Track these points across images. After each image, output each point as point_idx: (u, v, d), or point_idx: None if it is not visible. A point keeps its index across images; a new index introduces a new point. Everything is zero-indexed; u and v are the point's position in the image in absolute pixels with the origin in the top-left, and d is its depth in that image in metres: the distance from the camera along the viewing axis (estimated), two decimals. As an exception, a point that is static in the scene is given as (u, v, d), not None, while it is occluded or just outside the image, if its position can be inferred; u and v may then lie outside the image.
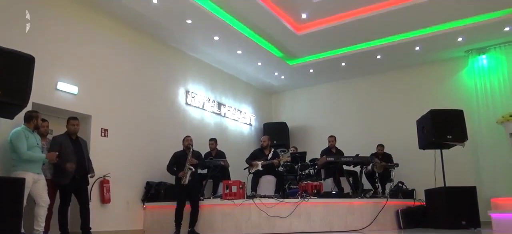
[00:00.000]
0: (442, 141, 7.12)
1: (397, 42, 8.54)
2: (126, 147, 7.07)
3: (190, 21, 7.32)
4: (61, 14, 6.26)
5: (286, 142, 10.46)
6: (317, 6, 7.47)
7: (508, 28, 7.87)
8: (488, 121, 8.30)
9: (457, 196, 6.85)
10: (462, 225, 6.64)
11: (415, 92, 9.66)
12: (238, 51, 8.74)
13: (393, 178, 8.48)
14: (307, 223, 6.40)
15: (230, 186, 6.73)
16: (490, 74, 8.72)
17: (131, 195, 7.07)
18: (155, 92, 7.91)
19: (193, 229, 6.42)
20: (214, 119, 9.44)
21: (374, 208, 6.86)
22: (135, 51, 7.58)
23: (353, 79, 10.57)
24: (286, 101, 11.81)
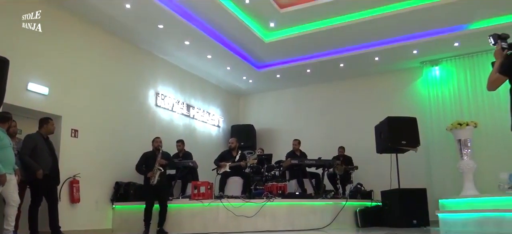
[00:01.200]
0: (397, 146, 7.68)
1: (358, 53, 9.04)
2: (96, 147, 7.16)
3: (162, 26, 7.50)
4: (33, 16, 6.27)
5: (253, 143, 10.74)
6: (284, 16, 7.84)
7: (457, 43, 8.56)
8: (439, 127, 8.92)
9: (410, 197, 7.42)
10: (414, 224, 7.20)
11: (374, 100, 10.21)
12: (208, 55, 8.98)
13: (353, 179, 9.00)
14: (272, 222, 6.72)
15: (199, 187, 6.94)
16: (442, 84, 9.39)
17: (101, 195, 7.16)
18: (125, 94, 8.02)
19: (162, 228, 6.60)
20: (183, 121, 9.63)
21: (335, 208, 7.27)
22: (106, 53, 7.67)
23: (318, 85, 11.00)
24: (254, 104, 12.11)
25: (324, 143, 9.93)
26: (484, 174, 8.16)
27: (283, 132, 11.11)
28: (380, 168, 8.34)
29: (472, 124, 7.83)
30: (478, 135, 8.15)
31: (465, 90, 9.09)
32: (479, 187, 7.71)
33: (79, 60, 7.05)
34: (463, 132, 7.75)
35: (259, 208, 6.63)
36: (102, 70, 7.54)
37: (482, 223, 6.28)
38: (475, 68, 9.00)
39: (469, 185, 7.57)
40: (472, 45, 8.57)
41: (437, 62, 9.45)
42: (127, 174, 7.55)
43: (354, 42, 8.78)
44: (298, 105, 11.38)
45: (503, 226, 6.02)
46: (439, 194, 8.03)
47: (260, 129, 11.45)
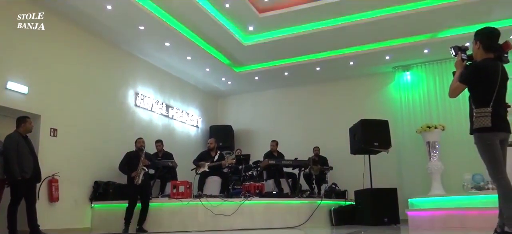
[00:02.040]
0: (370, 147, 8.00)
1: (334, 57, 9.35)
2: (75, 146, 7.18)
3: (142, 27, 7.58)
4: (13, 14, 6.24)
5: (231, 144, 10.89)
6: (263, 20, 8.05)
7: (427, 50, 9.00)
8: (410, 130, 9.31)
9: (381, 196, 7.75)
10: (385, 222, 7.53)
11: (349, 102, 10.53)
12: (188, 57, 9.10)
13: (328, 179, 9.27)
14: (250, 221, 6.89)
15: (178, 186, 7.06)
16: (413, 89, 9.81)
17: (79, 194, 7.18)
18: (105, 94, 8.05)
19: (142, 227, 6.69)
20: (162, 121, 9.71)
21: (310, 207, 7.50)
22: (87, 53, 7.68)
23: (295, 88, 11.25)
24: (232, 105, 12.25)
25: (301, 144, 10.16)
26: (450, 175, 8.58)
27: (261, 133, 11.30)
28: (354, 168, 8.63)
29: (440, 127, 8.24)
30: (445, 137, 8.57)
31: (434, 95, 9.54)
32: (445, 187, 8.12)
33: (59, 60, 7.06)
34: (431, 134, 8.15)
35: (237, 207, 6.78)
36: (82, 69, 7.55)
37: (447, 221, 6.63)
38: (444, 74, 9.44)
39: (436, 185, 7.96)
40: (441, 52, 8.98)
41: (409, 67, 9.87)
42: (106, 173, 7.60)
43: (330, 47, 9.07)
44: (276, 107, 11.59)
45: (466, 223, 6.40)
46: (409, 194, 8.35)
47: (238, 130, 11.62)
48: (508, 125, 3.32)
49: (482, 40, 3.35)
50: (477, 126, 3.26)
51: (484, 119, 3.20)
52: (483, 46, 3.34)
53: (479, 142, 3.28)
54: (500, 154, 3.23)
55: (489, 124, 3.18)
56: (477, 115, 3.26)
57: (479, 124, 3.23)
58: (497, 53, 3.30)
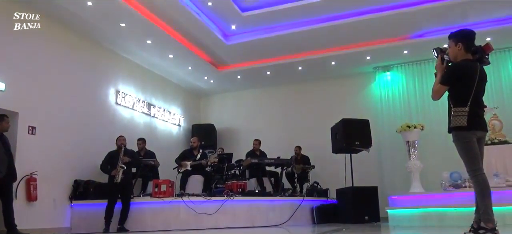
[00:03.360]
0: (351, 146, 8.11)
1: (315, 57, 9.43)
2: (54, 145, 7.04)
3: (124, 24, 7.49)
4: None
5: (213, 143, 10.84)
6: (246, 20, 8.06)
7: (406, 51, 9.18)
8: (390, 129, 9.43)
9: (362, 194, 7.87)
10: (365, 220, 7.65)
11: (330, 102, 10.64)
12: (169, 55, 9.04)
13: (310, 178, 9.34)
14: (232, 219, 6.89)
15: (160, 185, 7.02)
16: (393, 89, 10.00)
17: (59, 193, 7.04)
18: (85, 91, 7.92)
19: (123, 226, 6.61)
20: (143, 119, 9.61)
21: (292, 205, 7.55)
22: (66, 49, 7.54)
23: (277, 87, 11.31)
24: (215, 104, 12.23)
25: (283, 142, 10.22)
26: (429, 173, 8.73)
27: (243, 131, 11.32)
28: (335, 167, 8.74)
29: (419, 126, 8.39)
30: (424, 136, 8.73)
31: (414, 95, 9.74)
32: (424, 185, 8.26)
33: (37, 56, 6.91)
34: (411, 134, 8.28)
35: (219, 206, 6.77)
36: (62, 66, 7.41)
37: (426, 218, 6.78)
38: (423, 75, 9.66)
39: (416, 183, 8.09)
40: (420, 53, 9.20)
41: (389, 68, 10.05)
42: (87, 172, 7.48)
43: (312, 47, 9.14)
44: (258, 106, 11.62)
45: (445, 220, 6.56)
46: (389, 192, 8.47)
47: (221, 129, 11.60)
48: (485, 123, 3.43)
49: (463, 41, 3.44)
50: (454, 125, 3.36)
51: (461, 118, 3.30)
52: (464, 47, 3.44)
53: (457, 140, 3.38)
54: (477, 151, 3.33)
55: (465, 123, 3.28)
56: (455, 114, 3.36)
57: (456, 123, 3.33)
58: (479, 55, 3.40)
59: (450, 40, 3.52)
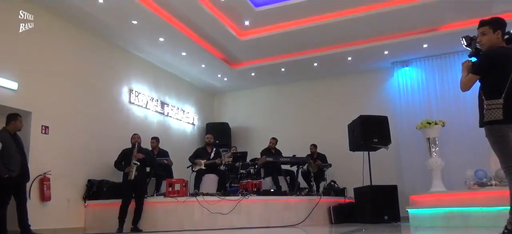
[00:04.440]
0: (369, 143, 7.86)
1: (332, 52, 9.20)
2: (68, 144, 6.99)
3: (135, 22, 7.39)
4: (1, 11, 6.06)
5: (228, 142, 10.75)
6: (259, 15, 7.88)
7: (427, 45, 8.85)
8: (409, 126, 9.13)
9: (381, 193, 7.60)
10: (385, 220, 7.39)
11: (347, 99, 10.40)
12: (182, 53, 8.92)
13: (327, 177, 9.15)
14: (247, 219, 6.74)
15: (173, 184, 6.90)
16: (412, 84, 9.69)
17: (72, 193, 7.00)
18: (98, 90, 7.87)
19: (136, 226, 6.51)
20: (157, 118, 9.53)
21: (309, 205, 7.36)
22: (79, 48, 7.49)
23: (292, 84, 11.11)
24: (228, 102, 12.11)
25: (298, 140, 10.02)
26: (451, 171, 8.48)
27: (258, 130, 11.18)
28: (353, 165, 8.49)
29: (440, 123, 8.08)
30: (445, 133, 8.44)
31: (434, 90, 9.42)
32: (446, 183, 7.98)
33: (50, 55, 6.87)
34: (432, 130, 7.99)
35: (234, 205, 6.64)
36: (74, 65, 7.36)
37: (449, 218, 6.51)
38: (443, 69, 9.35)
39: (437, 182, 7.80)
40: (440, 47, 8.89)
41: (408, 63, 9.75)
42: (101, 171, 7.43)
43: (327, 42, 8.92)
44: (273, 104, 11.45)
45: (469, 220, 6.28)
46: (409, 191, 8.25)
47: (235, 127, 11.47)
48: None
49: (502, 29, 3.23)
50: (488, 119, 3.12)
51: (495, 111, 3.06)
52: (502, 34, 3.21)
53: (491, 135, 3.14)
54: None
55: (501, 117, 3.04)
56: (488, 107, 3.12)
57: (491, 116, 3.09)
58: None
59: (486, 27, 3.26)
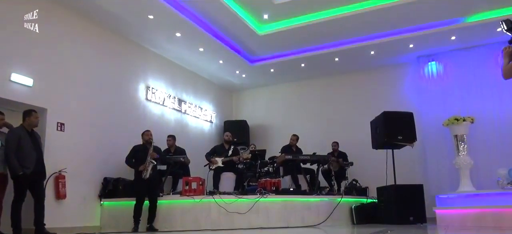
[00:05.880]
0: (393, 141, 7.53)
1: (353, 46, 8.86)
2: (84, 141, 6.91)
3: (152, 16, 7.26)
4: (16, 5, 6.01)
5: (246, 139, 10.54)
6: (278, 8, 7.63)
7: (455, 37, 8.41)
8: (436, 123, 8.73)
9: (406, 193, 7.28)
10: (410, 221, 7.06)
11: (370, 94, 10.06)
12: (200, 48, 8.76)
13: (348, 176, 8.85)
14: (266, 219, 6.53)
15: (190, 183, 6.74)
16: (439, 79, 9.25)
17: (88, 191, 6.91)
18: (114, 87, 7.77)
19: (152, 225, 6.38)
20: (174, 115, 9.40)
21: (330, 204, 7.12)
22: (94, 44, 7.40)
23: (312, 80, 10.83)
24: (247, 100, 11.92)
25: (319, 138, 9.81)
26: (481, 170, 8.10)
27: (277, 128, 10.96)
28: (375, 164, 8.20)
29: (469, 119, 7.67)
30: (474, 130, 8.01)
31: (462, 85, 8.98)
32: (475, 182, 7.58)
33: (65, 51, 6.79)
34: (460, 127, 7.59)
35: (252, 205, 6.44)
36: (90, 62, 7.27)
37: (480, 219, 6.16)
38: (472, 63, 8.89)
39: (465, 181, 7.41)
40: (469, 38, 8.47)
41: (434, 56, 9.32)
42: (116, 169, 7.32)
43: (349, 36, 8.60)
44: (292, 101, 11.20)
45: (502, 221, 5.90)
46: (436, 190, 7.93)
47: (254, 125, 11.27)
48: None
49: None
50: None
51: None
52: None
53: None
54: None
55: None
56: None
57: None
58: None
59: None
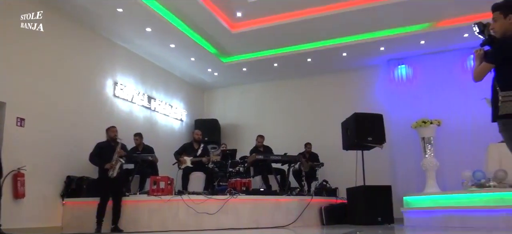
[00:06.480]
0: (363, 142, 7.57)
1: (326, 47, 8.89)
2: (45, 138, 6.58)
3: (121, 10, 7.01)
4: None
5: (217, 139, 10.43)
6: (252, 6, 7.54)
7: (424, 41, 8.58)
8: (404, 125, 8.86)
9: (375, 194, 7.33)
10: (378, 221, 7.12)
11: (341, 96, 10.12)
12: (171, 44, 8.55)
13: (318, 176, 8.86)
14: (235, 219, 6.43)
15: (158, 182, 6.55)
16: (408, 82, 9.43)
17: (49, 190, 6.59)
18: (80, 82, 7.46)
19: (117, 226, 6.15)
20: (143, 113, 9.14)
21: (300, 205, 7.08)
22: (59, 36, 7.06)
23: (285, 80, 10.80)
24: (219, 99, 11.77)
25: (290, 139, 9.79)
26: (446, 172, 8.29)
27: (249, 127, 10.85)
28: (345, 165, 8.23)
29: (436, 122, 7.86)
30: (441, 133, 8.20)
31: (430, 89, 9.18)
32: (441, 184, 7.78)
33: (27, 43, 6.42)
34: (427, 130, 7.77)
35: (221, 205, 6.31)
36: (54, 54, 6.94)
37: (446, 220, 6.29)
38: (439, 67, 9.10)
39: (431, 182, 7.59)
40: (437, 43, 8.65)
41: (404, 59, 9.49)
42: (81, 167, 7.02)
43: (322, 37, 8.61)
44: (265, 101, 11.15)
45: (467, 222, 6.06)
46: (403, 192, 8.00)
47: (225, 124, 11.14)
48: None
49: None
50: (503, 112, 2.81)
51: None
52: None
53: (506, 130, 2.84)
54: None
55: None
56: (504, 99, 2.81)
57: (506, 109, 2.78)
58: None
59: (497, 13, 2.95)
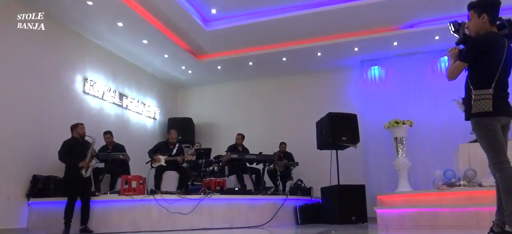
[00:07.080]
0: (337, 142, 7.63)
1: (301, 46, 8.88)
2: (9, 136, 6.26)
3: (91, 3, 6.75)
4: None
5: (191, 138, 10.26)
6: (227, 3, 7.45)
7: (396, 42, 8.72)
8: (378, 125, 8.97)
9: (349, 193, 7.40)
10: (352, 220, 7.18)
11: (316, 96, 10.16)
12: (143, 40, 8.33)
13: (293, 176, 8.86)
14: (209, 219, 6.33)
15: (130, 181, 6.34)
16: (382, 83, 9.57)
17: (14, 190, 6.26)
18: (47, 77, 7.15)
19: (86, 227, 5.93)
20: (114, 110, 8.87)
21: (275, 204, 7.05)
22: (26, 29, 6.73)
23: (259, 79, 10.75)
24: (193, 97, 11.60)
25: (265, 138, 9.71)
26: (418, 171, 8.46)
27: (223, 126, 10.76)
28: (320, 164, 8.25)
29: (408, 123, 7.99)
30: (413, 133, 8.35)
31: (402, 90, 9.34)
32: (412, 183, 7.92)
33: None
34: (399, 130, 7.88)
35: (195, 205, 6.19)
36: (19, 47, 6.62)
37: (418, 218, 6.38)
38: (411, 68, 9.28)
39: (404, 182, 7.71)
40: (409, 45, 8.79)
41: (377, 60, 9.62)
42: (47, 166, 6.72)
43: (298, 36, 8.60)
44: (239, 99, 11.06)
45: (438, 220, 6.17)
46: (377, 191, 8.14)
47: (199, 123, 10.99)
48: (510, 108, 2.93)
49: (489, 12, 2.93)
50: (476, 110, 2.84)
51: (485, 102, 2.80)
52: (489, 19, 2.94)
53: (479, 128, 2.87)
54: (502, 140, 2.83)
55: (490, 108, 2.78)
56: (477, 98, 2.85)
57: (479, 107, 2.82)
58: (508, 30, 2.89)
59: (472, 12, 2.99)
